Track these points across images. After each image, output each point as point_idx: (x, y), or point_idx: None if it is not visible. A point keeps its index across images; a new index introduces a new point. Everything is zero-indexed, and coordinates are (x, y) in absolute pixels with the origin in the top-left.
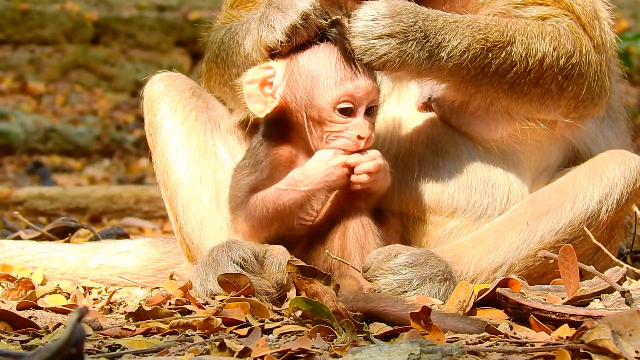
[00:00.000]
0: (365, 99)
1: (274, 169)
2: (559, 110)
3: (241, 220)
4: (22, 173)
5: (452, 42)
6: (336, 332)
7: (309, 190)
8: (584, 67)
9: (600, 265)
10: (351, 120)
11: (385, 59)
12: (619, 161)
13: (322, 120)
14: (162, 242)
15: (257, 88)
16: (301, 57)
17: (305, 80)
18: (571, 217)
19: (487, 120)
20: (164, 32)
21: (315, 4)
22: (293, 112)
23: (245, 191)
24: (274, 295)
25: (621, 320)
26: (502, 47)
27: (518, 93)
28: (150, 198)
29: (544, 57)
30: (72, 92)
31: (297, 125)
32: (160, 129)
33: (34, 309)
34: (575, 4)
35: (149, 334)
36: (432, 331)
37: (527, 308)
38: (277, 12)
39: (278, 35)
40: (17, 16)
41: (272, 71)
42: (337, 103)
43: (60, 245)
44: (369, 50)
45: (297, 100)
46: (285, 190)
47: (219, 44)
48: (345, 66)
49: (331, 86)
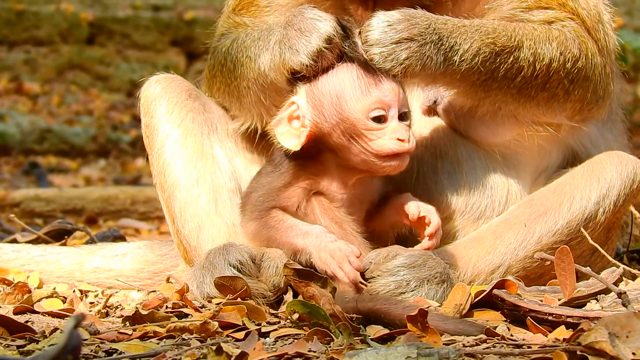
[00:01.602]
0: (394, 102)
1: (296, 178)
2: (565, 114)
3: (252, 227)
4: (18, 174)
5: (464, 45)
6: (333, 335)
7: (312, 256)
8: (589, 71)
9: (597, 266)
10: (387, 125)
11: (407, 64)
12: (616, 162)
13: (358, 132)
14: (158, 245)
15: (287, 125)
16: (320, 78)
17: (331, 99)
18: (569, 219)
19: (492, 126)
20: (159, 31)
21: (337, 26)
22: (327, 133)
23: (267, 204)
24: (271, 299)
25: (618, 322)
26: (510, 51)
27: (526, 97)
28: (146, 199)
29: (551, 61)
30: (68, 92)
31: (336, 145)
32: (157, 131)
33: (30, 314)
34: (580, 8)
35: (146, 338)
36: (429, 334)
37: (523, 310)
38: (301, 35)
39: (303, 59)
40: (13, 17)
41: (295, 105)
42: (369, 111)
43: (56, 248)
44: (390, 57)
45: (327, 120)
46: (297, 235)
47: (224, 54)
48: (367, 75)
49: (359, 97)
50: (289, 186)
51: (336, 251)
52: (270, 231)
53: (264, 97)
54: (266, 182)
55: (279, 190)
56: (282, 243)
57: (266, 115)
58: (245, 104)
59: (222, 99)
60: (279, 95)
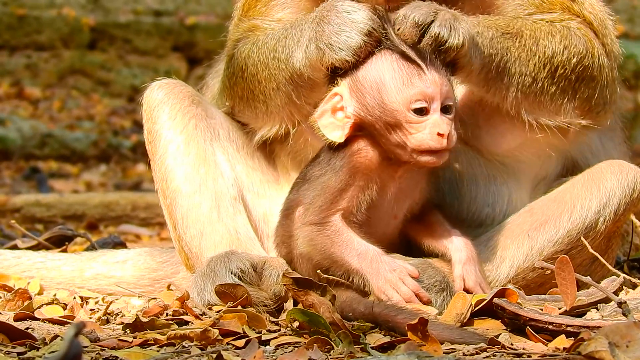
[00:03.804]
0: (437, 94)
1: (352, 176)
2: (574, 113)
3: (306, 232)
4: (19, 178)
5: (485, 33)
6: (333, 343)
7: (368, 283)
8: (596, 71)
9: (597, 275)
10: (428, 118)
11: (464, 34)
12: (616, 171)
13: (399, 124)
14: (159, 252)
15: (330, 117)
16: (361, 68)
17: (372, 90)
18: (569, 228)
19: (496, 135)
20: (160, 37)
21: (374, 17)
22: (370, 124)
23: (331, 209)
24: (271, 307)
25: (618, 332)
26: (513, 38)
27: (535, 93)
28: (147, 205)
29: (553, 54)
30: (69, 97)
31: (377, 136)
32: (160, 137)
33: (31, 320)
34: (586, 11)
35: (146, 346)
36: (430, 342)
37: (524, 318)
38: (340, 31)
39: (346, 55)
40: (14, 21)
41: (339, 97)
42: (410, 103)
43: (57, 254)
44: (451, 32)
45: (370, 111)
46: (351, 255)
47: (244, 59)
48: (408, 65)
49: (400, 88)
50: (347, 187)
51: (395, 280)
52: (325, 241)
53: (296, 95)
54: (323, 184)
55: (340, 191)
56: (334, 258)
57: (297, 115)
58: (273, 107)
59: (243, 107)
60: (313, 92)
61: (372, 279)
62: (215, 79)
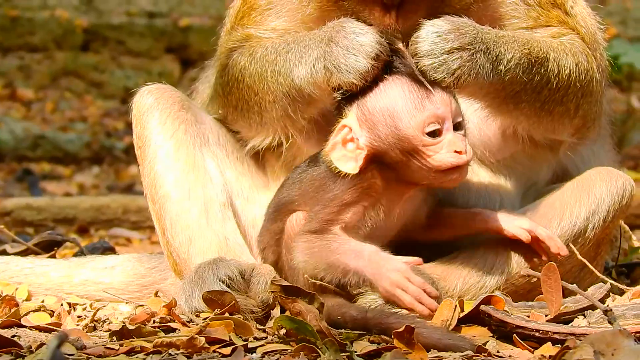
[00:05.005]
0: (448, 114)
1: (359, 196)
2: (570, 131)
3: (305, 238)
4: (11, 180)
5: (507, 55)
6: (320, 351)
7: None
8: (592, 86)
9: (586, 282)
10: (443, 138)
11: (459, 73)
12: (605, 178)
13: (415, 148)
14: (147, 258)
15: (342, 149)
16: (369, 97)
17: (384, 118)
18: (558, 234)
19: (488, 144)
20: (154, 38)
21: (382, 41)
22: (384, 152)
23: (331, 221)
24: (259, 314)
25: (604, 340)
26: (542, 62)
27: (545, 111)
28: (138, 208)
29: (570, 72)
30: (62, 98)
31: (394, 163)
32: (149, 143)
33: (17, 328)
34: (579, 26)
35: (133, 353)
36: (416, 350)
37: (510, 326)
38: (347, 53)
39: (354, 79)
40: (7, 23)
41: (347, 128)
42: (424, 127)
43: (45, 260)
44: (441, 67)
45: (383, 140)
46: (348, 255)
47: (241, 70)
48: (417, 89)
49: (412, 113)
50: (353, 204)
51: (401, 281)
52: (323, 247)
53: (292, 109)
54: (330, 199)
55: (345, 205)
56: (332, 262)
57: (291, 128)
58: (268, 119)
59: (237, 117)
60: (309, 107)
61: (377, 281)
62: (205, 84)
